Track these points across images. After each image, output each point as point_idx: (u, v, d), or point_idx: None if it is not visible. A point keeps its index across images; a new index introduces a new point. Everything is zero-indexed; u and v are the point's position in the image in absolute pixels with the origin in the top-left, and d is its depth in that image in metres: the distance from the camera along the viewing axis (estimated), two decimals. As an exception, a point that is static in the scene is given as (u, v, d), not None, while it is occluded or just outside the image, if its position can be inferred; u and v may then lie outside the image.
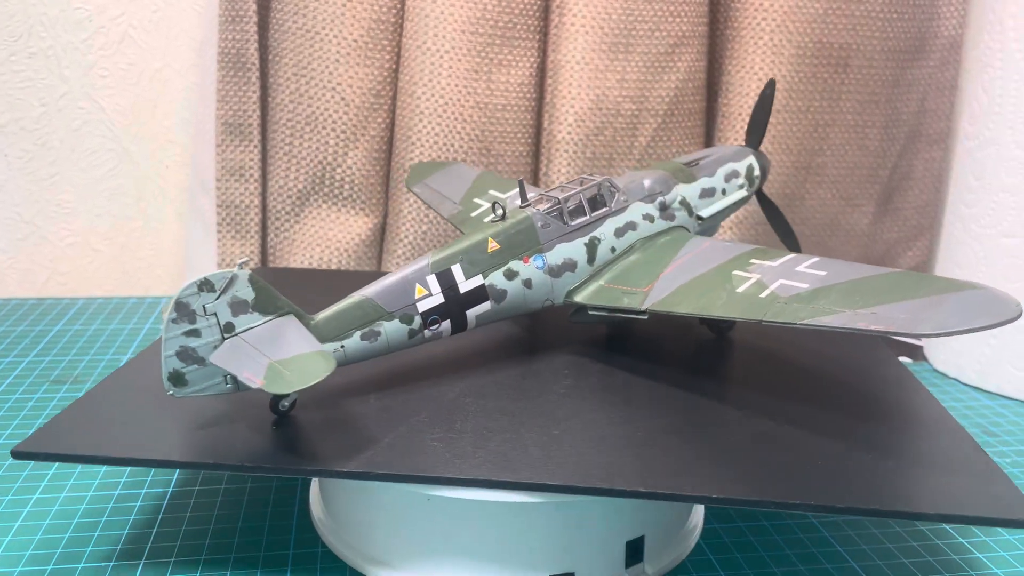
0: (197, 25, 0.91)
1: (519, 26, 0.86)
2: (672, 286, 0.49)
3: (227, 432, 0.43)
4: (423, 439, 0.43)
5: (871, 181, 0.98)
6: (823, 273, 0.45)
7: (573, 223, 0.53)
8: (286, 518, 0.49)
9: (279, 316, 0.43)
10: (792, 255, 0.49)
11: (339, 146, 0.88)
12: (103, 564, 0.44)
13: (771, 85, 0.65)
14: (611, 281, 0.53)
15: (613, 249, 0.55)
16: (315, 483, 0.51)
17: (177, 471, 0.52)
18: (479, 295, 0.49)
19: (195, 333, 0.41)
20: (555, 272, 0.53)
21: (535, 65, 0.88)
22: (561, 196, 0.54)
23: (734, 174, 0.63)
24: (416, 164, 0.84)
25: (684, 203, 0.59)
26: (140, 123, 0.93)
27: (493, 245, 0.50)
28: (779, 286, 0.45)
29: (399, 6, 0.87)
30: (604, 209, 0.55)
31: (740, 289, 0.46)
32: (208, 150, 0.89)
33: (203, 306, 0.41)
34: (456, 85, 0.85)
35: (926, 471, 0.42)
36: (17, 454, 0.41)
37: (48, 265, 0.95)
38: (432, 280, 0.48)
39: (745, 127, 0.91)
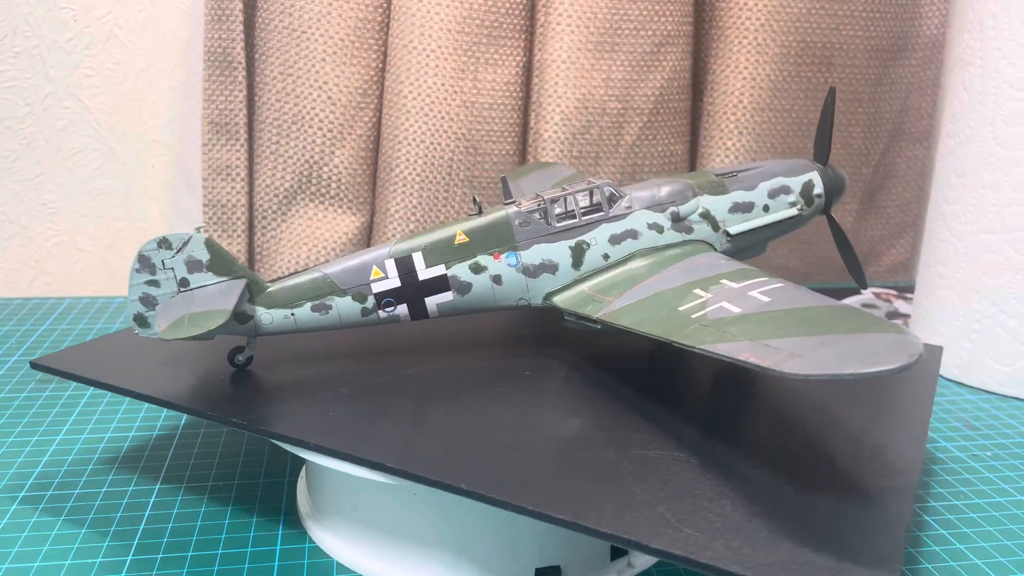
0: (183, 24, 0.91)
1: (505, 25, 0.86)
2: (633, 299, 0.48)
3: (212, 383, 0.49)
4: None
5: (855, 179, 0.99)
6: (766, 300, 0.42)
7: (558, 224, 0.52)
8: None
9: (233, 279, 0.48)
10: (762, 279, 0.45)
11: (326, 145, 0.88)
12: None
13: (831, 94, 0.59)
14: (594, 288, 0.52)
15: (606, 256, 0.53)
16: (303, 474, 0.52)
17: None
18: (439, 284, 0.51)
19: (155, 283, 0.48)
20: (531, 272, 0.52)
21: (521, 64, 0.88)
22: (548, 197, 0.53)
23: (783, 190, 0.57)
24: (524, 164, 0.87)
25: (707, 216, 0.55)
26: (126, 123, 0.93)
27: (462, 238, 0.51)
28: (716, 308, 0.42)
29: (385, 5, 0.87)
30: (599, 214, 0.53)
31: (682, 308, 0.44)
32: (194, 149, 0.89)
33: (162, 261, 0.48)
34: (442, 84, 0.86)
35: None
36: (35, 365, 0.50)
37: (34, 265, 0.94)
38: (391, 264, 0.50)
39: (731, 126, 0.93)
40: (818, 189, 0.58)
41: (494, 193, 0.89)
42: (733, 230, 0.55)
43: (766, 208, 0.56)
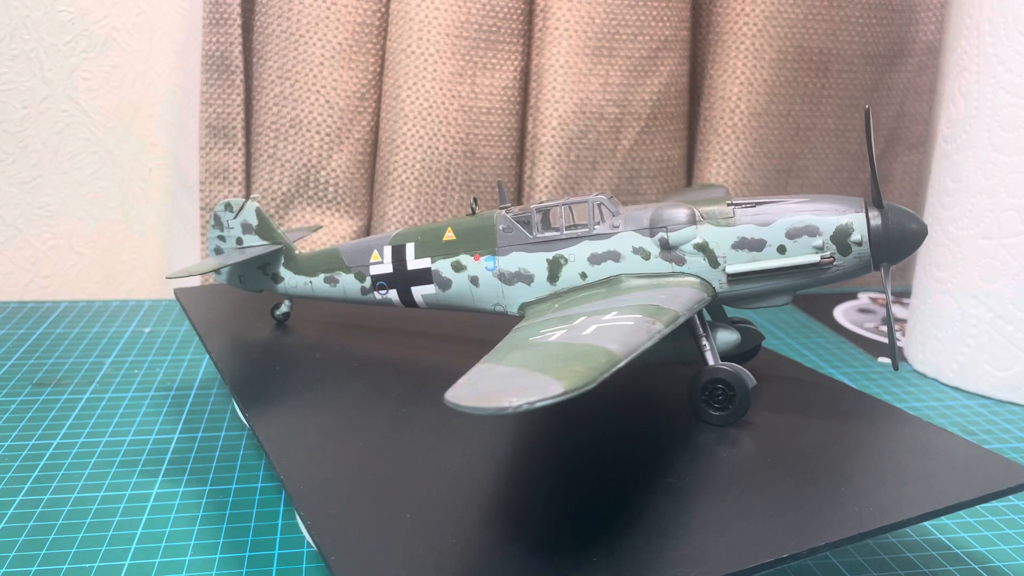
0: (180, 28, 0.91)
1: (503, 30, 0.86)
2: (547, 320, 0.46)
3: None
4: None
5: (851, 184, 0.99)
6: (577, 333, 0.40)
7: (538, 235, 0.51)
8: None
9: (272, 245, 0.60)
10: (629, 317, 0.42)
11: (323, 149, 0.89)
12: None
13: (866, 115, 0.47)
14: (558, 305, 0.49)
15: (583, 275, 0.50)
16: None
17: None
18: (423, 276, 0.54)
19: (222, 238, 0.62)
20: (506, 279, 0.52)
21: (519, 69, 0.88)
22: (536, 206, 0.52)
23: (808, 230, 0.47)
24: (691, 186, 0.89)
25: (703, 248, 0.49)
26: (123, 126, 0.93)
27: (450, 235, 0.53)
28: (544, 336, 0.41)
29: (383, 10, 0.87)
30: (582, 230, 0.50)
31: (535, 336, 0.41)
32: (191, 153, 0.89)
33: (227, 221, 0.61)
34: (440, 88, 0.86)
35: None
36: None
37: (30, 268, 0.94)
38: (387, 251, 0.55)
39: (728, 130, 0.93)
40: (857, 235, 0.47)
41: (493, 198, 0.89)
42: (731, 269, 0.48)
43: (781, 249, 0.48)
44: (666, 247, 0.49)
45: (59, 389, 0.66)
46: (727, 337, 0.49)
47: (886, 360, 0.78)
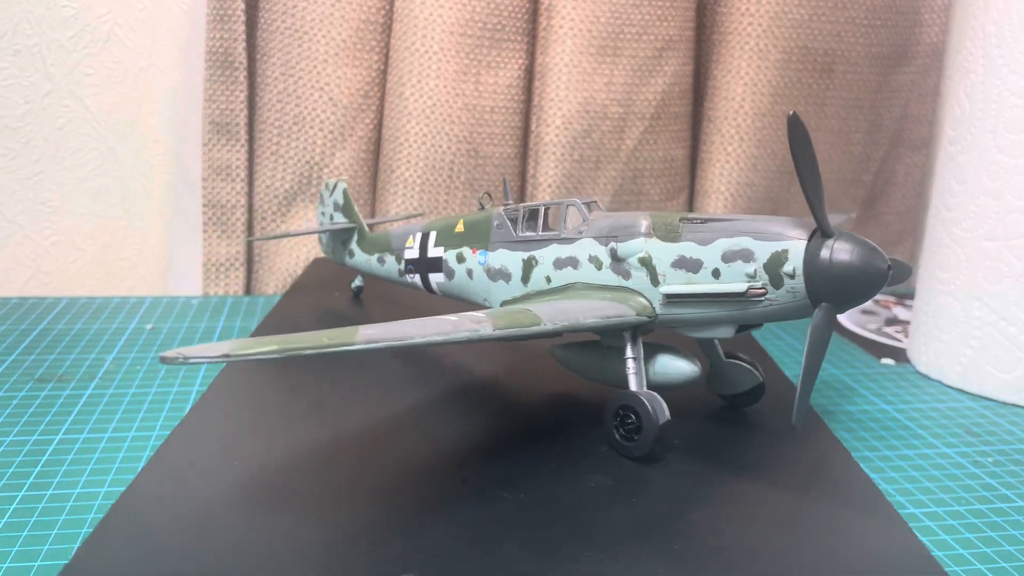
0: (183, 24, 0.90)
1: (507, 28, 0.86)
2: None
3: None
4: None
5: (855, 186, 0.99)
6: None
7: (520, 235, 0.50)
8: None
9: (350, 223, 0.68)
10: (475, 315, 0.42)
11: (326, 146, 0.88)
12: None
13: (790, 123, 0.42)
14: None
15: (548, 279, 0.49)
16: None
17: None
18: (436, 264, 0.56)
19: (324, 213, 0.73)
20: (491, 275, 0.52)
21: (523, 67, 0.88)
22: (525, 205, 0.52)
23: (743, 255, 0.42)
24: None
25: (647, 263, 0.45)
26: (125, 122, 0.93)
27: (460, 228, 0.55)
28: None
29: (388, 7, 0.87)
30: (553, 232, 0.49)
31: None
32: (194, 149, 0.89)
33: (325, 197, 0.71)
34: (444, 87, 0.86)
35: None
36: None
37: (31, 264, 0.94)
38: (418, 237, 0.57)
39: (732, 131, 0.93)
40: (790, 266, 0.41)
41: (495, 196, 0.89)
42: (664, 289, 0.44)
43: (716, 273, 0.43)
44: (615, 258, 0.46)
45: (61, 385, 0.66)
46: (675, 366, 0.45)
47: (890, 361, 0.77)
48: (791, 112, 0.39)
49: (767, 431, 0.46)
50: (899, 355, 0.79)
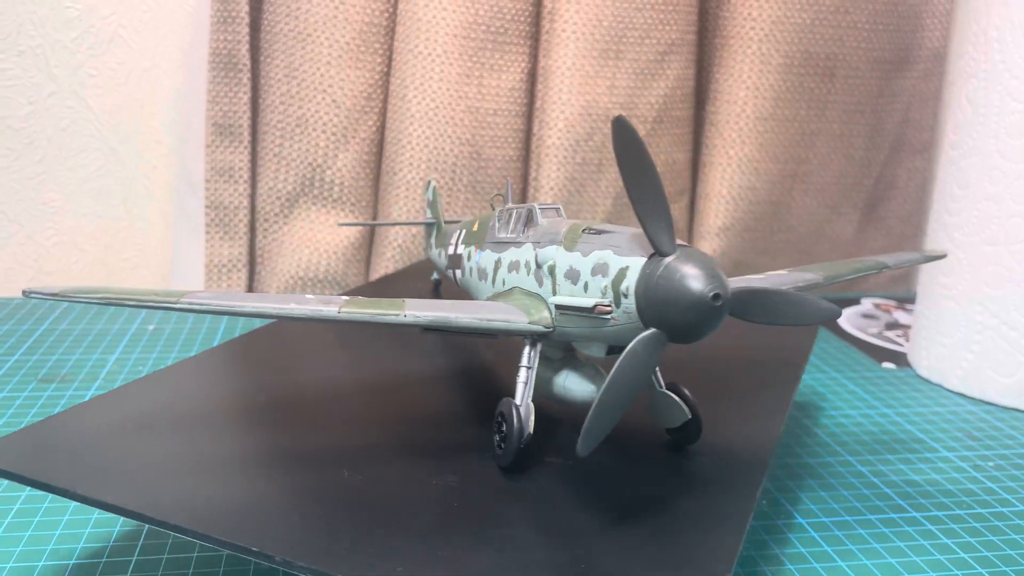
0: (187, 26, 0.91)
1: (510, 31, 0.87)
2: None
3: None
4: None
5: (856, 190, 0.99)
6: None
7: (498, 236, 0.50)
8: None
9: (431, 219, 0.70)
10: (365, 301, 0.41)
11: (329, 148, 0.88)
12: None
13: (616, 124, 0.35)
14: None
15: (504, 282, 0.48)
16: None
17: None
18: (458, 261, 0.57)
19: (425, 211, 0.75)
20: (479, 274, 0.52)
21: (526, 70, 0.88)
22: (510, 207, 0.51)
23: (602, 268, 0.39)
24: None
25: (552, 272, 0.42)
26: (128, 123, 0.93)
27: (475, 228, 0.55)
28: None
29: (391, 10, 0.87)
30: (514, 236, 0.48)
31: None
32: (196, 151, 0.89)
33: (426, 194, 0.72)
34: (447, 89, 0.86)
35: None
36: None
37: (33, 264, 0.94)
38: (459, 234, 0.58)
39: (734, 135, 0.93)
40: (626, 284, 0.37)
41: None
42: (551, 299, 0.42)
43: (586, 286, 0.39)
44: (536, 264, 0.44)
45: (64, 385, 0.66)
46: (569, 385, 0.43)
47: (891, 365, 0.78)
48: (616, 116, 0.34)
49: (671, 469, 0.41)
50: (900, 359, 0.79)
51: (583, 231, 0.42)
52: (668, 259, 0.35)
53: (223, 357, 0.57)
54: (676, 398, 0.43)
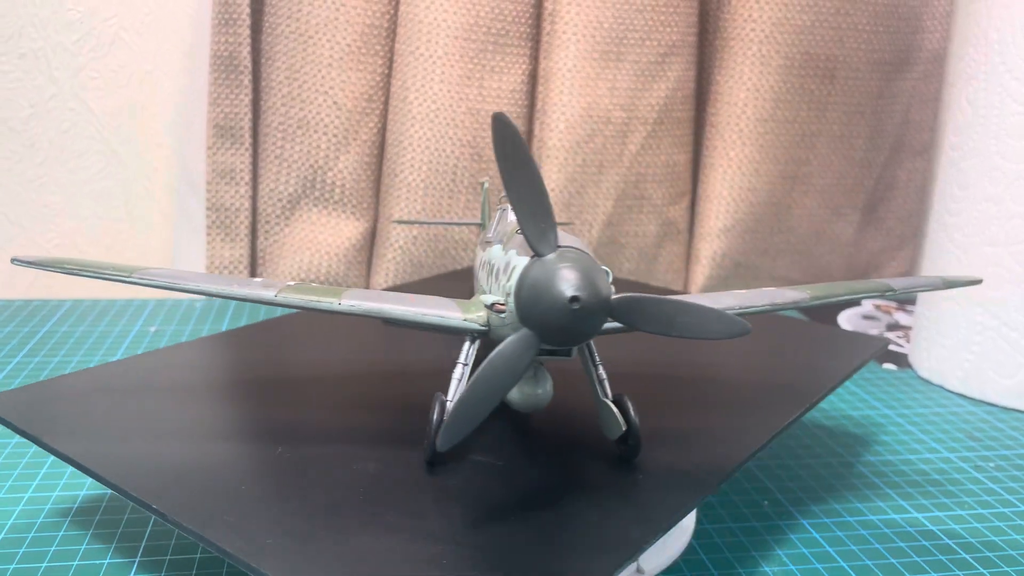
0: (188, 28, 0.91)
1: (511, 33, 0.87)
2: None
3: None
4: None
5: (856, 191, 0.99)
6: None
7: (487, 236, 0.49)
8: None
9: (475, 221, 0.74)
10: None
11: (330, 150, 0.89)
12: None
13: (496, 120, 0.35)
14: None
15: (478, 279, 0.48)
16: None
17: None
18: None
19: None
20: (476, 273, 0.52)
21: (527, 72, 0.89)
22: (503, 208, 0.50)
23: (508, 270, 0.39)
24: None
25: (490, 270, 0.42)
26: (129, 125, 0.93)
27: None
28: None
29: (392, 12, 0.87)
30: (491, 236, 0.48)
31: None
32: (198, 152, 0.89)
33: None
34: (448, 91, 0.86)
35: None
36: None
37: (34, 267, 0.94)
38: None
39: (734, 136, 0.93)
40: (512, 283, 0.37)
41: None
42: (481, 298, 0.41)
43: (501, 287, 0.39)
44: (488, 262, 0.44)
45: (65, 387, 0.66)
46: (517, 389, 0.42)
47: (891, 366, 0.78)
48: (496, 112, 0.34)
49: (598, 482, 0.40)
50: (901, 360, 0.79)
51: (516, 231, 0.41)
52: (540, 260, 0.35)
53: (225, 342, 0.59)
54: (615, 410, 0.41)
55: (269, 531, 0.34)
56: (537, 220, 0.34)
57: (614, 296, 0.34)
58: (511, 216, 0.46)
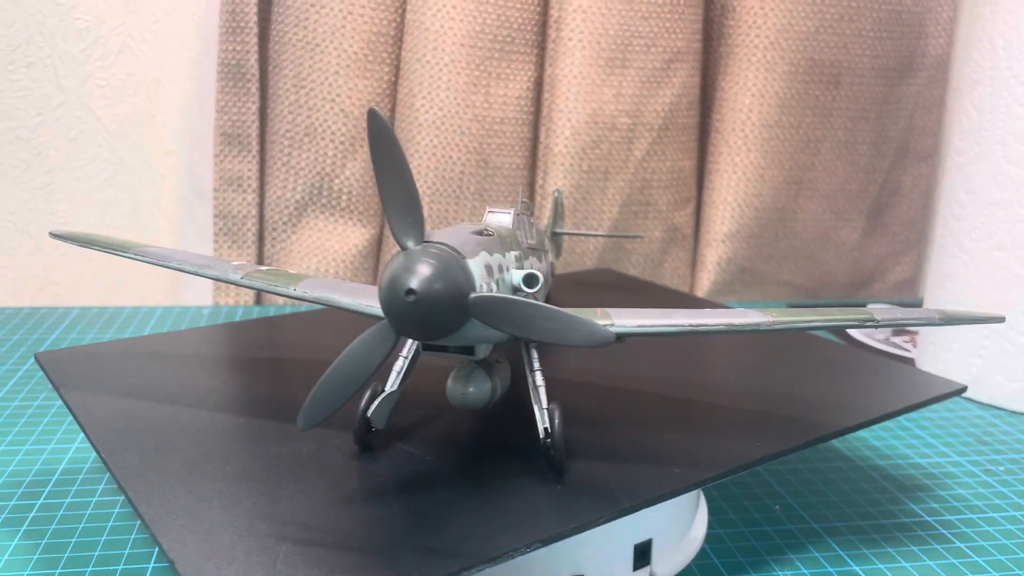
0: (195, 36, 0.91)
1: (517, 40, 0.87)
2: None
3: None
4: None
5: (861, 196, 1.00)
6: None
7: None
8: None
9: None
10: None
11: (337, 157, 0.89)
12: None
13: (370, 116, 0.34)
14: None
15: None
16: None
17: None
18: None
19: None
20: None
21: (533, 79, 0.89)
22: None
23: None
24: None
25: None
26: (137, 133, 0.93)
27: None
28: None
29: (399, 19, 0.88)
30: None
31: None
32: (205, 160, 0.89)
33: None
34: (455, 98, 0.86)
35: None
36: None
37: (41, 275, 0.94)
38: None
39: (739, 142, 0.93)
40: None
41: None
42: None
43: None
44: None
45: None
46: (448, 383, 0.43)
47: (898, 371, 0.78)
48: (370, 108, 0.34)
49: (511, 487, 0.40)
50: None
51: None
52: (402, 253, 0.35)
53: (260, 325, 0.64)
54: (539, 417, 0.40)
55: (187, 491, 0.37)
56: (404, 215, 0.35)
57: (474, 295, 0.34)
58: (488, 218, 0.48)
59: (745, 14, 0.90)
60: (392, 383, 0.42)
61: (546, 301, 0.40)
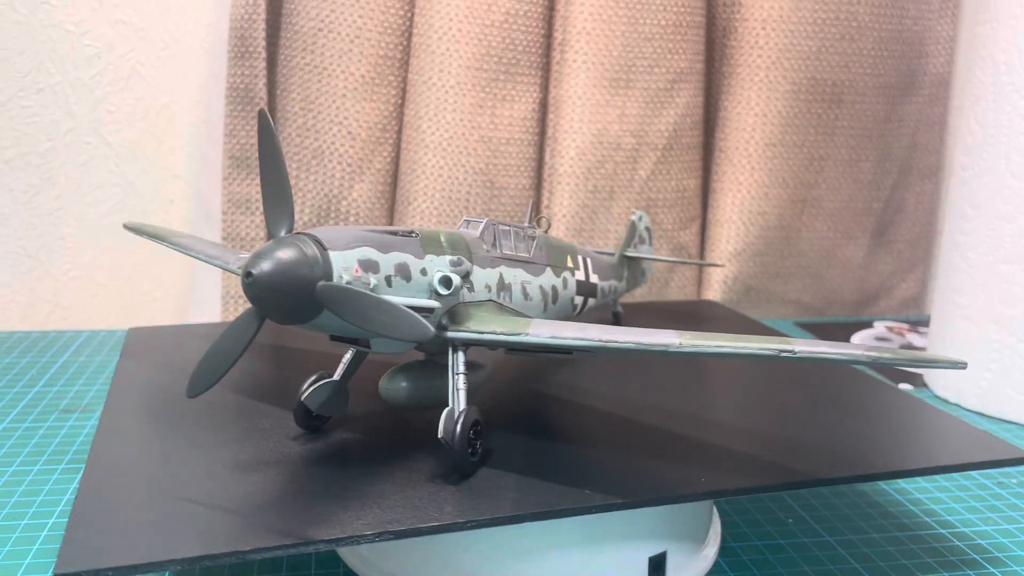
0: (204, 61, 0.92)
1: (522, 62, 0.88)
2: None
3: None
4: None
5: (865, 214, 1.00)
6: None
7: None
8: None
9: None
10: None
11: (345, 179, 0.90)
12: None
13: (259, 117, 0.39)
14: None
15: None
16: None
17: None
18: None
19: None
20: None
21: (538, 100, 0.90)
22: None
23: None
24: None
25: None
26: (146, 158, 0.94)
27: None
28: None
29: (405, 43, 0.89)
30: None
31: None
32: (214, 183, 0.90)
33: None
34: (461, 120, 0.87)
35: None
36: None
37: (50, 299, 0.95)
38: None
39: (743, 161, 0.94)
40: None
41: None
42: None
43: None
44: None
45: (85, 416, 0.66)
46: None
47: (907, 386, 0.78)
48: (259, 109, 0.40)
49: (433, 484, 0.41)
50: (916, 380, 0.79)
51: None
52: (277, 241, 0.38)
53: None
54: (441, 418, 0.41)
55: (139, 450, 0.45)
56: (278, 207, 0.39)
57: (321, 284, 0.37)
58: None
59: (747, 35, 0.91)
60: (337, 372, 0.46)
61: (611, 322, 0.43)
